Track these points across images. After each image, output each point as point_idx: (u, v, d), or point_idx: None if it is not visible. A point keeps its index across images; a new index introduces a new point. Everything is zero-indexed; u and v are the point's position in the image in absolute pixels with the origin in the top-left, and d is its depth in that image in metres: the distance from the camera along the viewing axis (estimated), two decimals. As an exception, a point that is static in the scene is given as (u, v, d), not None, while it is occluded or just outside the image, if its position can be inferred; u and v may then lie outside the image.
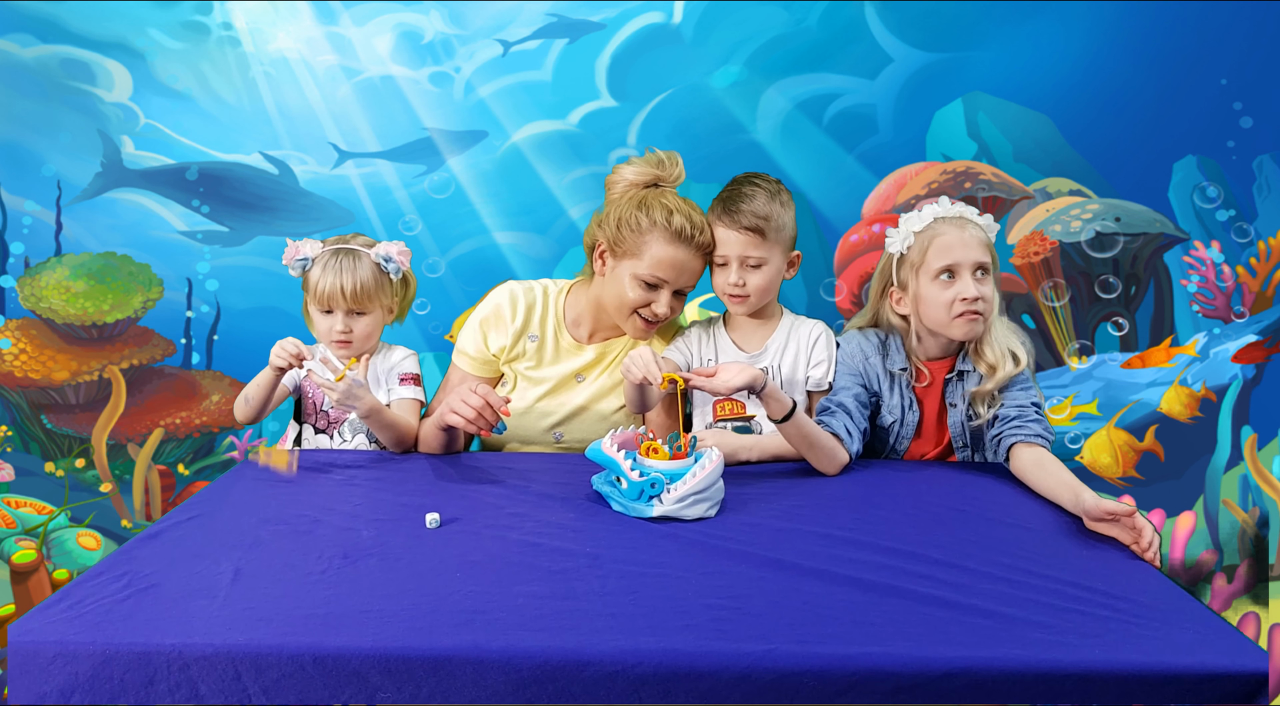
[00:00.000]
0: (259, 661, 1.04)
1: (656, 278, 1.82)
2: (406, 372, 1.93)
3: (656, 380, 1.59)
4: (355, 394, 1.75)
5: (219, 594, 1.17)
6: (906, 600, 1.18)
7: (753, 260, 1.80)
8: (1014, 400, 1.75)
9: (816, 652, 1.05)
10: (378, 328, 1.90)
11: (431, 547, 1.34)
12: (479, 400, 1.69)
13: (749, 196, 1.79)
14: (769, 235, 1.79)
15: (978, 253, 1.74)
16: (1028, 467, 1.67)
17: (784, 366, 1.89)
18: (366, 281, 1.83)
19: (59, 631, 1.08)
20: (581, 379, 1.97)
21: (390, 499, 1.56)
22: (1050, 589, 1.21)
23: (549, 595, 1.18)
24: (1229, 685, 1.03)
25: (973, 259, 1.74)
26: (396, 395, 1.90)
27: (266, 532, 1.39)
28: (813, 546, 1.35)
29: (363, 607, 1.14)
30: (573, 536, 1.38)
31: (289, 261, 1.85)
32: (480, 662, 1.04)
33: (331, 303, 1.82)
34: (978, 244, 1.74)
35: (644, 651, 1.05)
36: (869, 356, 1.82)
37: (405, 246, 1.90)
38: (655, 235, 1.80)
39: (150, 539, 1.37)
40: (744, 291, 1.82)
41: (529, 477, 1.68)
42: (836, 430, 1.74)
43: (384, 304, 1.88)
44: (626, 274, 1.84)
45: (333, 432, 1.93)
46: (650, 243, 1.81)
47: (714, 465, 1.46)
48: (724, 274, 1.83)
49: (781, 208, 1.81)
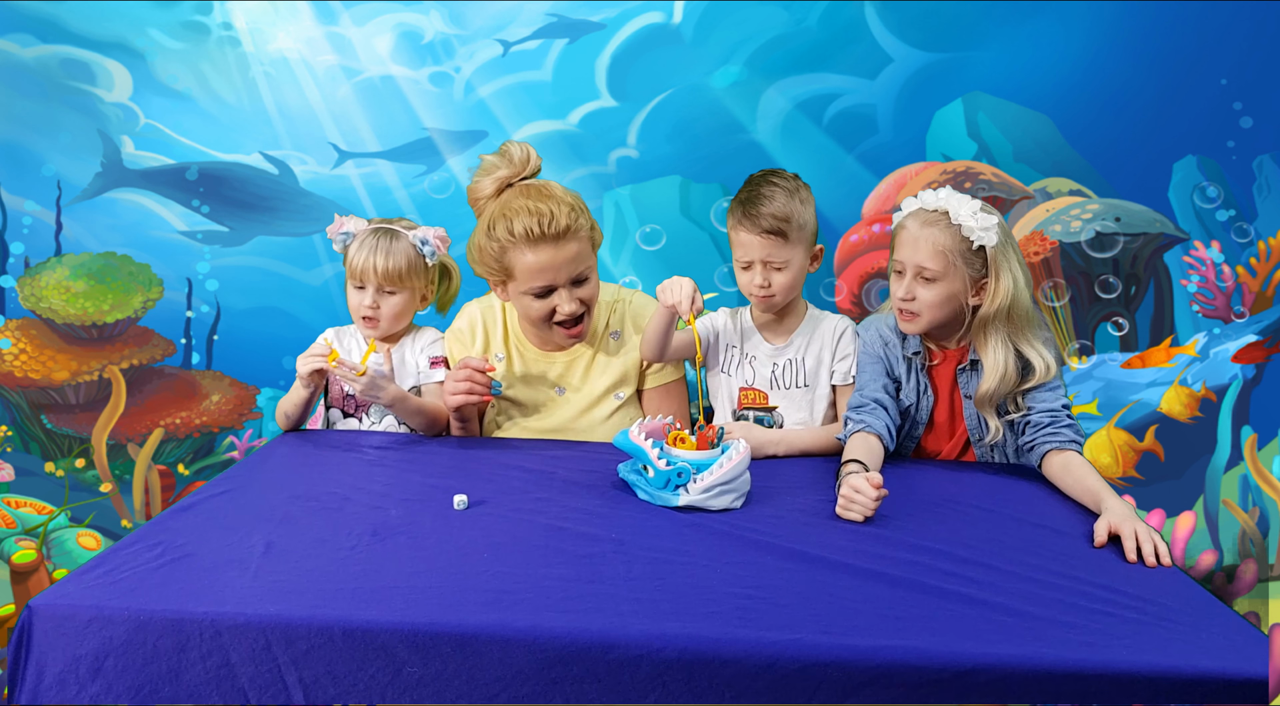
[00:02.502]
0: (289, 632, 1.06)
1: (539, 286, 1.79)
2: (437, 356, 1.95)
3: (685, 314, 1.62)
4: (378, 385, 1.79)
5: (250, 565, 1.19)
6: (933, 596, 1.18)
7: (776, 262, 1.81)
8: (1044, 403, 1.73)
9: (842, 644, 1.06)
10: (408, 310, 1.92)
11: (459, 528, 1.35)
12: (463, 371, 1.76)
13: (768, 198, 1.79)
14: (791, 236, 1.79)
15: (920, 256, 1.69)
16: (1057, 472, 1.67)
17: (808, 359, 1.90)
18: (399, 261, 1.86)
19: (95, 596, 1.10)
20: (561, 391, 1.95)
21: (418, 480, 1.58)
22: (1077, 589, 1.22)
23: (575, 578, 1.19)
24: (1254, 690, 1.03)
25: (914, 260, 1.71)
26: (427, 377, 1.93)
27: (297, 508, 1.41)
28: (839, 540, 1.35)
29: (391, 583, 1.15)
30: (599, 522, 1.39)
31: (333, 235, 1.90)
32: (507, 641, 1.05)
33: (364, 278, 1.86)
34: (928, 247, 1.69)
35: (669, 636, 1.06)
36: (888, 342, 1.82)
37: (445, 234, 1.92)
38: (514, 250, 1.77)
39: (184, 510, 1.39)
40: (769, 291, 1.83)
41: (555, 464, 1.69)
42: (878, 430, 1.72)
43: (416, 287, 1.91)
44: (516, 295, 1.83)
45: (361, 416, 1.95)
46: (514, 258, 1.78)
47: (741, 456, 1.47)
48: (748, 275, 1.84)
49: (801, 205, 1.80)
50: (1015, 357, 1.72)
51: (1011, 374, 1.71)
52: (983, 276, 1.71)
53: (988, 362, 1.72)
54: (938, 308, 1.72)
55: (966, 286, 1.71)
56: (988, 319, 1.71)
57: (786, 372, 1.90)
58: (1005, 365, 1.71)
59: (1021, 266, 1.73)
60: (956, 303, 1.72)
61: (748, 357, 1.92)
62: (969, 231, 1.67)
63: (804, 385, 1.89)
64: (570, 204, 1.80)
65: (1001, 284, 1.69)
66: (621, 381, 1.94)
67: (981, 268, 1.70)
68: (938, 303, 1.71)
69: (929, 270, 1.69)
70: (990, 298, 1.70)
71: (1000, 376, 1.71)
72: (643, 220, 2.87)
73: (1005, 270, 1.69)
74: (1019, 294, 1.70)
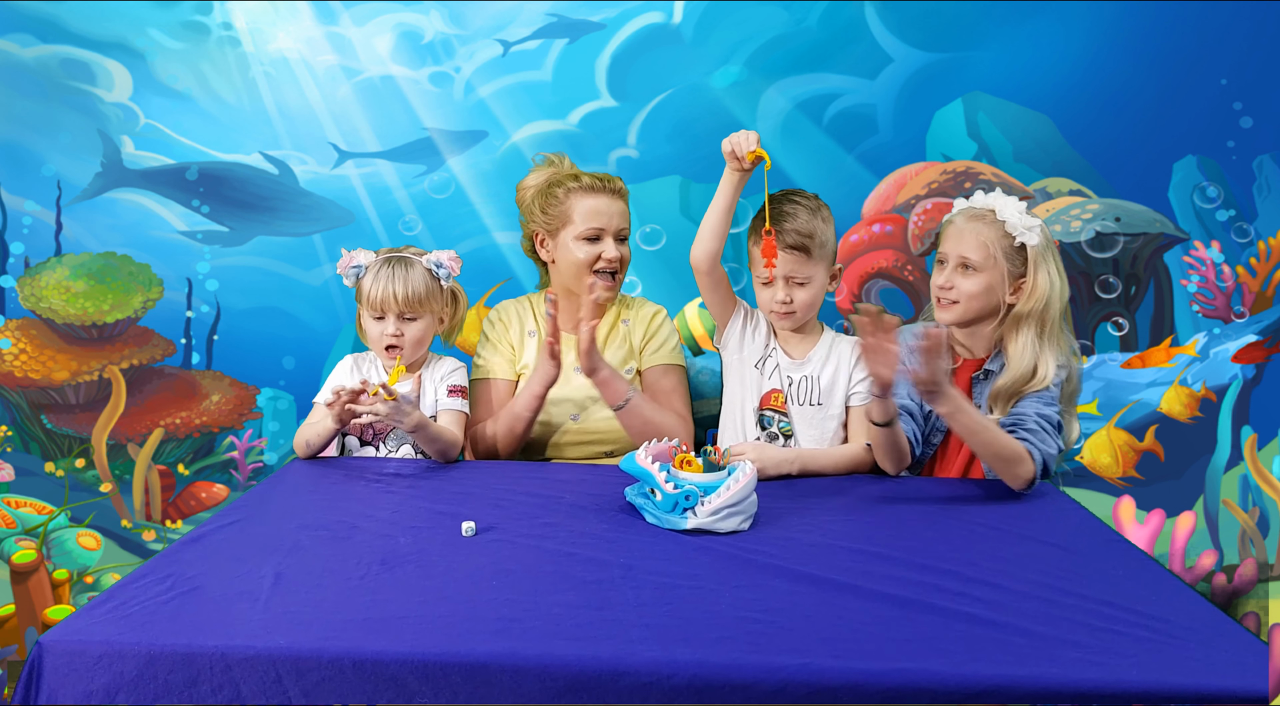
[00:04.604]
0: (299, 664, 1.06)
1: (593, 228, 2.02)
2: (455, 385, 1.98)
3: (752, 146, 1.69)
4: (404, 410, 1.80)
5: (260, 597, 1.20)
6: (942, 617, 1.18)
7: (799, 278, 1.85)
8: (1023, 408, 1.76)
9: (852, 667, 1.06)
10: (428, 335, 1.97)
11: (468, 555, 1.36)
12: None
13: (790, 215, 1.84)
14: (814, 252, 1.84)
15: (963, 247, 1.79)
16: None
17: (823, 378, 1.92)
18: (418, 286, 1.91)
19: (105, 631, 1.10)
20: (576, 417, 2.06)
21: (426, 506, 1.58)
22: (1086, 608, 1.22)
23: (584, 605, 1.19)
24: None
25: (957, 251, 1.80)
26: (444, 406, 1.95)
27: (306, 538, 1.42)
28: (846, 561, 1.36)
29: (401, 613, 1.16)
30: (607, 547, 1.40)
31: (343, 270, 1.92)
32: (517, 670, 1.06)
33: (385, 307, 1.90)
34: (973, 239, 1.79)
35: (679, 662, 1.06)
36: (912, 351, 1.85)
37: (457, 255, 1.99)
38: (575, 196, 2.03)
39: (193, 542, 1.40)
40: (791, 308, 1.87)
41: (562, 488, 1.69)
42: (905, 434, 1.78)
43: (435, 311, 1.96)
44: (569, 240, 2.04)
45: (378, 444, 1.96)
46: (573, 204, 2.03)
47: (747, 479, 1.48)
48: (770, 291, 1.88)
49: (823, 223, 1.86)
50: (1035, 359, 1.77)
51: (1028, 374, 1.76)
52: (1022, 275, 1.79)
53: (1012, 356, 1.78)
54: (975, 298, 1.80)
55: (1005, 281, 1.79)
56: (1021, 316, 1.78)
57: (802, 389, 1.92)
58: (1028, 363, 1.77)
59: (1061, 277, 1.81)
60: (994, 296, 1.80)
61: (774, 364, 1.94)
62: (1012, 228, 1.77)
63: (818, 403, 1.91)
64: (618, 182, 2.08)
65: (1039, 284, 1.77)
66: (630, 357, 2.09)
67: (1021, 265, 1.78)
68: (976, 293, 1.79)
69: (971, 260, 1.78)
70: (1026, 296, 1.77)
71: (1020, 372, 1.77)
72: (643, 220, 2.87)
73: (1044, 272, 1.77)
74: (1054, 297, 1.78)
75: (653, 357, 2.09)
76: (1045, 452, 1.70)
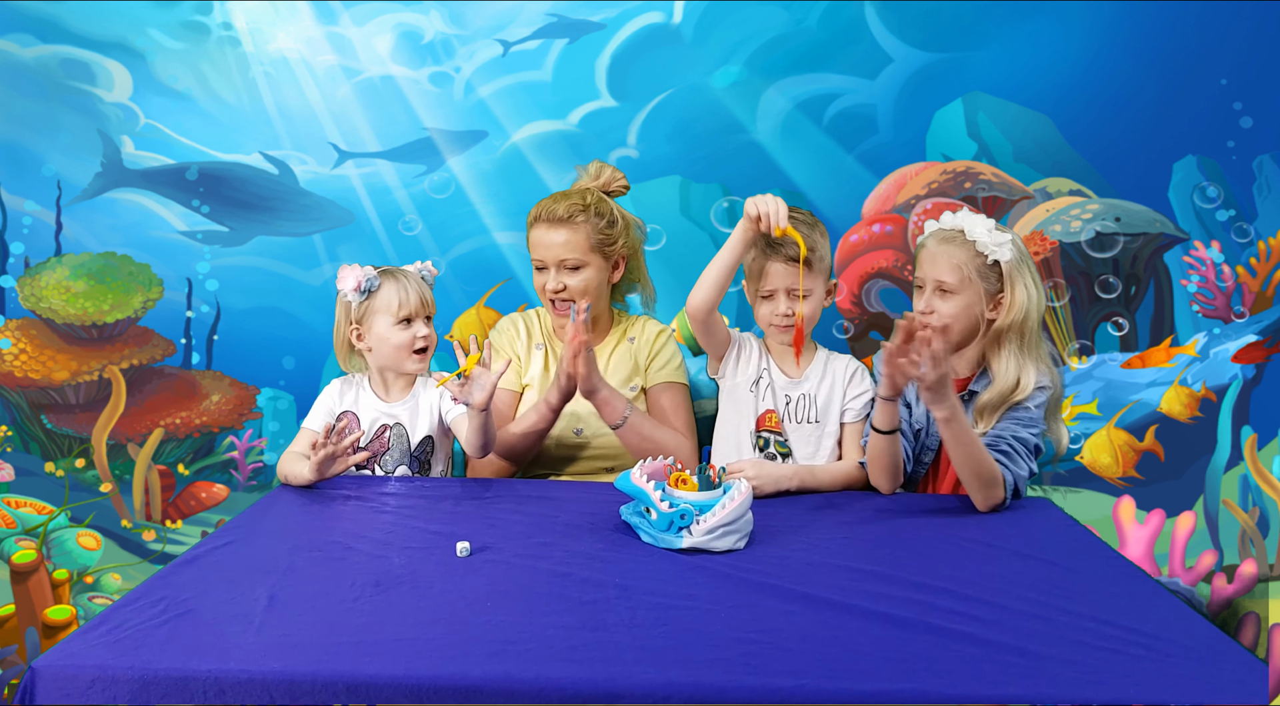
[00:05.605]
0: (293, 688, 1.06)
1: (536, 259, 2.08)
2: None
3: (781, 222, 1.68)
4: (483, 383, 1.80)
5: (254, 620, 1.20)
6: (938, 636, 1.18)
7: (799, 291, 1.85)
8: (1000, 430, 1.78)
9: (847, 689, 1.06)
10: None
11: (462, 576, 1.36)
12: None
13: None
14: (814, 265, 1.86)
15: (938, 271, 1.81)
16: None
17: (819, 395, 1.94)
18: (428, 290, 1.99)
19: (98, 655, 1.10)
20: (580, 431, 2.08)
21: (420, 526, 1.57)
22: (1082, 626, 1.22)
23: (579, 626, 1.19)
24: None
25: (932, 275, 1.82)
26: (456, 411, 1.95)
27: (299, 559, 1.42)
28: (841, 580, 1.36)
29: (395, 636, 1.15)
30: (601, 567, 1.40)
31: (359, 286, 1.94)
32: (512, 693, 1.06)
33: (418, 311, 1.95)
34: (946, 262, 1.80)
35: (675, 684, 1.06)
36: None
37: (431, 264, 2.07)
38: (529, 229, 2.09)
39: (186, 564, 1.40)
40: (791, 321, 1.88)
41: (557, 507, 1.69)
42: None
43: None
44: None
45: (374, 467, 1.96)
46: (529, 235, 2.09)
47: (743, 497, 1.48)
48: (771, 305, 1.90)
49: (821, 238, 1.89)
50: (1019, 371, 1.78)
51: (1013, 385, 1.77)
52: (999, 291, 1.81)
53: (997, 371, 1.80)
54: (956, 319, 1.80)
55: (982, 300, 1.81)
56: (1002, 330, 1.80)
57: (798, 407, 1.93)
58: (1013, 375, 1.79)
59: (1038, 287, 1.83)
60: (973, 315, 1.81)
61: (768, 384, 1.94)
62: (983, 247, 1.78)
63: (815, 421, 1.93)
64: (580, 204, 2.04)
65: (1017, 298, 1.80)
66: (635, 374, 2.10)
67: (997, 281, 1.80)
68: (956, 314, 1.80)
69: (947, 283, 1.79)
70: (1005, 310, 1.80)
71: (1006, 385, 1.79)
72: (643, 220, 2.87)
73: (1020, 285, 1.79)
74: (1032, 309, 1.80)
75: (656, 376, 2.10)
76: (1017, 475, 1.74)
